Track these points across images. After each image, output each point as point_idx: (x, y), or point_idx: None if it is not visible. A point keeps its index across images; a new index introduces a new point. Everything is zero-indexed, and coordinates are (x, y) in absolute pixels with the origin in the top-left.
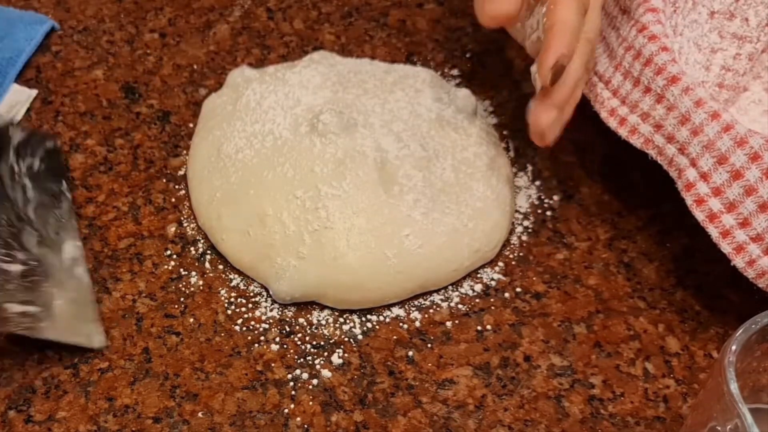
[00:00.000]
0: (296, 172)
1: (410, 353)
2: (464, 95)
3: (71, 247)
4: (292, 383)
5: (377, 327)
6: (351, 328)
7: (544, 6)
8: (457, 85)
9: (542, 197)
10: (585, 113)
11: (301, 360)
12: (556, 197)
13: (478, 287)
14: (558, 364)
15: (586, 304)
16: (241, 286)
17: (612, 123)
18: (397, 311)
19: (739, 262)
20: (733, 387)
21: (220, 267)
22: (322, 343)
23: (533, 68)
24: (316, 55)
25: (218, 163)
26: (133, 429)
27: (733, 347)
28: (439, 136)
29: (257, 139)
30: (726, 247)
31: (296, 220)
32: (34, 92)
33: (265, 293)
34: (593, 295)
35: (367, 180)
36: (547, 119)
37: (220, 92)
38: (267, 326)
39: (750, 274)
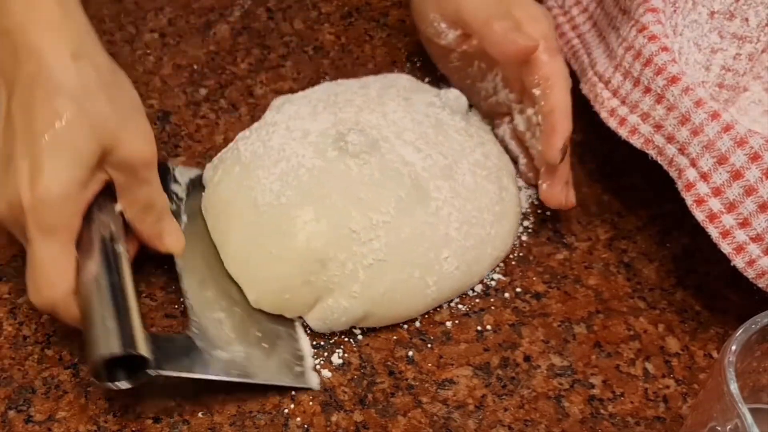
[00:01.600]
0: (344, 204)
1: (410, 353)
2: (455, 96)
3: None
4: None
5: (377, 327)
6: (351, 328)
7: (498, 74)
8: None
9: None
10: (585, 113)
11: None
12: None
13: (478, 287)
14: (558, 364)
15: (586, 304)
16: None
17: (612, 123)
18: None
19: (739, 262)
20: (733, 387)
21: None
22: (322, 343)
23: (522, 161)
24: (277, 101)
25: (261, 219)
26: (133, 429)
27: (733, 347)
28: (447, 140)
29: (291, 176)
30: (726, 247)
31: (353, 256)
32: None
33: None
34: (593, 295)
35: (409, 201)
36: (562, 195)
37: (210, 172)
38: None
39: (750, 274)
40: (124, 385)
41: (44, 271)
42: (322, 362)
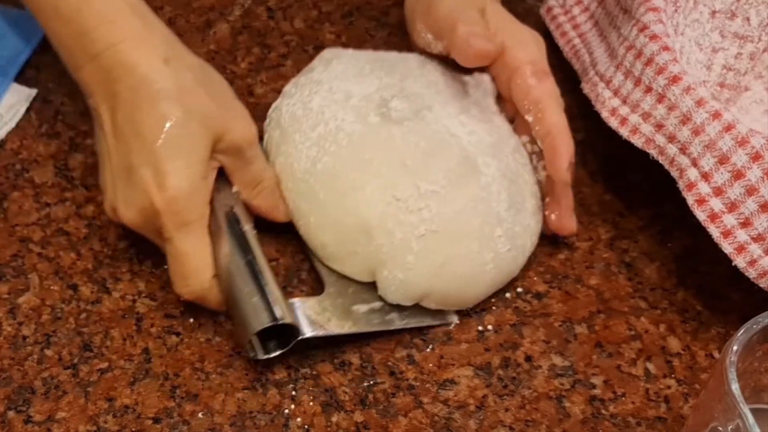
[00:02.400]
0: (388, 170)
1: (411, 353)
2: (489, 78)
3: None
4: (292, 383)
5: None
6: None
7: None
8: None
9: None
10: (586, 113)
11: (302, 360)
12: None
13: None
14: (559, 364)
15: (588, 304)
16: None
17: (613, 123)
18: None
19: (740, 262)
20: (735, 387)
21: None
22: (322, 342)
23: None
24: (326, 53)
25: (298, 186)
26: (133, 429)
27: (735, 347)
28: (488, 120)
29: (328, 141)
30: (727, 247)
31: (401, 225)
32: (34, 92)
33: None
34: (594, 295)
35: (459, 172)
36: (573, 222)
37: (266, 134)
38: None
39: (751, 274)
40: (276, 353)
41: (188, 262)
42: (322, 362)
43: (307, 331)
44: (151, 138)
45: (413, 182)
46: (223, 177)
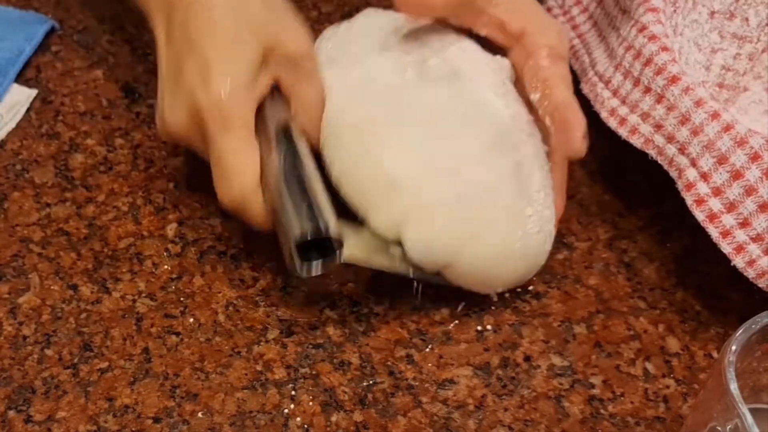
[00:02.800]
0: (421, 129)
1: (410, 353)
2: (509, 65)
3: None
4: (292, 383)
5: (377, 326)
6: (353, 323)
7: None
8: None
9: None
10: (585, 113)
11: (301, 360)
12: None
13: None
14: (558, 364)
15: (587, 304)
16: (242, 287)
17: (612, 123)
18: (396, 310)
19: (739, 262)
20: (733, 387)
21: (220, 267)
22: (322, 342)
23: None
24: (369, 10)
25: (326, 131)
26: (133, 429)
27: (734, 347)
28: (517, 98)
29: (361, 90)
30: (726, 247)
31: (432, 187)
32: (34, 92)
33: (264, 293)
34: (593, 295)
35: (492, 144)
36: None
37: None
38: (267, 326)
39: (750, 274)
40: (316, 270)
41: (229, 162)
42: (322, 362)
43: (350, 257)
44: (201, 43)
45: (444, 143)
46: (281, 95)
